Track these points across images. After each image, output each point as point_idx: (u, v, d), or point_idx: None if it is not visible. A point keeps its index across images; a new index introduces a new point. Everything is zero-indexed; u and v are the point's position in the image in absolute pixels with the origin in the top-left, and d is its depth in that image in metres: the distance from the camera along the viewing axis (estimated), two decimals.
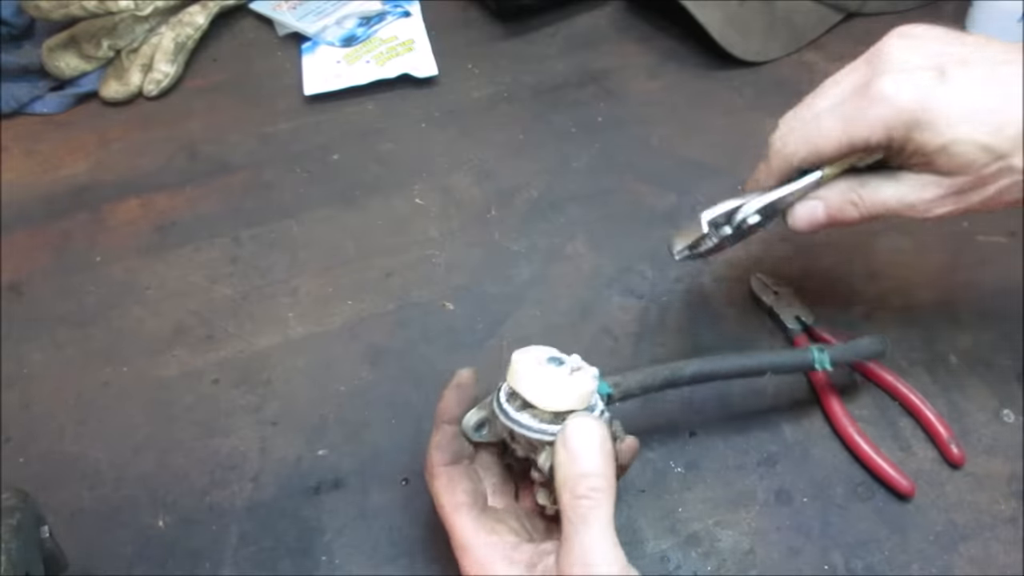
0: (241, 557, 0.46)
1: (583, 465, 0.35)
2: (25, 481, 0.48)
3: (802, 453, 0.49)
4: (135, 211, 0.65)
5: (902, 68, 0.40)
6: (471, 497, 0.39)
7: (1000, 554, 0.45)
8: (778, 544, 0.46)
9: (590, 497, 0.34)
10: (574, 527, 0.34)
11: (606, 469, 0.35)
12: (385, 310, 0.57)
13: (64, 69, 0.74)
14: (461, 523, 0.38)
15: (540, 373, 0.38)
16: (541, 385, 0.38)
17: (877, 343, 0.47)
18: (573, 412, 0.38)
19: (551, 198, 0.64)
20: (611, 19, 0.80)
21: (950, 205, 0.41)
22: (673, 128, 0.68)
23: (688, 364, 0.43)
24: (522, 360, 0.39)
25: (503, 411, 0.39)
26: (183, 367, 0.55)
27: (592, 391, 0.39)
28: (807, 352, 0.46)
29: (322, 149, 0.69)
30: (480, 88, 0.73)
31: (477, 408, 0.42)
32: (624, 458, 0.41)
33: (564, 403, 0.38)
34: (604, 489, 0.34)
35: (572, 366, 0.39)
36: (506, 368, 0.40)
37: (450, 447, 0.41)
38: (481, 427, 0.42)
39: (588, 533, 0.33)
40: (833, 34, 0.75)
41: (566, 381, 0.38)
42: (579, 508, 0.34)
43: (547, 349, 0.40)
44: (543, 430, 0.38)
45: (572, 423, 0.36)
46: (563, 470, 0.35)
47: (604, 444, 0.36)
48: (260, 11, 0.82)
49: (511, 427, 0.39)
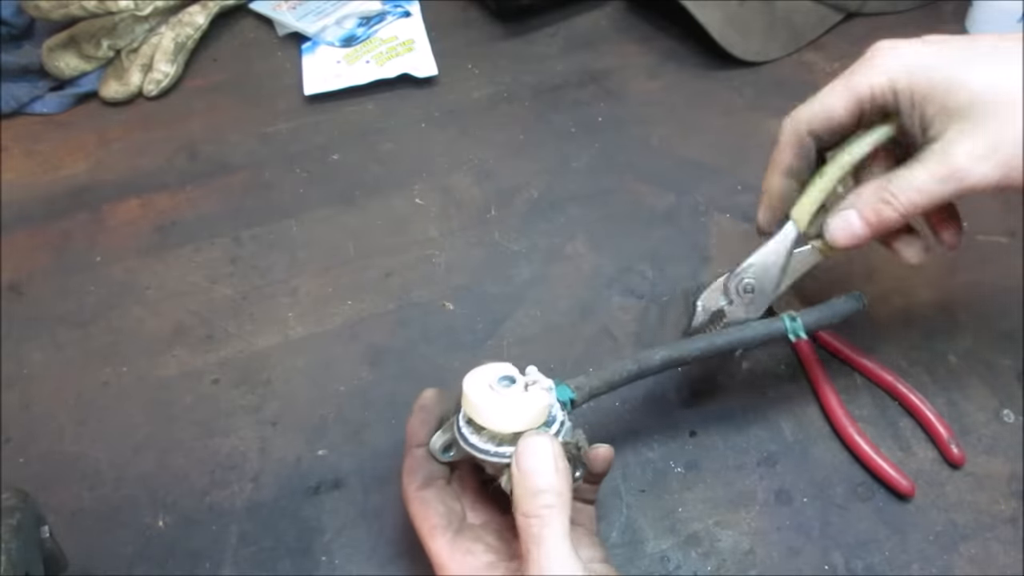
0: (241, 557, 0.46)
1: (534, 483, 0.35)
2: (25, 481, 0.48)
3: (802, 453, 0.49)
4: (135, 211, 0.65)
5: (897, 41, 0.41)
6: (445, 519, 0.39)
7: (1000, 554, 0.45)
8: (778, 544, 0.46)
9: (540, 516, 0.34)
10: (527, 547, 0.34)
11: (558, 484, 0.35)
12: (385, 310, 0.57)
13: (64, 69, 0.74)
14: (436, 547, 0.38)
15: (490, 398, 0.38)
16: (491, 409, 0.37)
17: (853, 300, 0.45)
18: (528, 431, 0.37)
19: (551, 198, 0.64)
20: (611, 19, 0.80)
21: (990, 162, 0.38)
22: (673, 128, 0.68)
23: (656, 352, 0.43)
24: (471, 385, 0.38)
25: (462, 436, 0.39)
26: (183, 367, 0.55)
27: (546, 406, 0.38)
28: (778, 321, 0.44)
29: (322, 149, 0.69)
30: (480, 88, 0.73)
31: (442, 431, 0.41)
32: (599, 466, 0.41)
33: (516, 424, 0.37)
34: (556, 505, 0.35)
35: (527, 381, 0.39)
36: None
37: (421, 471, 0.41)
38: (448, 449, 0.41)
39: (542, 550, 0.34)
40: (833, 34, 0.75)
41: (517, 402, 0.38)
42: (531, 528, 0.34)
43: (500, 367, 0.39)
44: (500, 453, 0.37)
45: (521, 444, 0.36)
46: (517, 490, 0.36)
47: (556, 461, 0.36)
48: (260, 11, 0.82)
49: (470, 452, 0.39)
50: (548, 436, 0.37)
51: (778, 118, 0.45)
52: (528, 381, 0.39)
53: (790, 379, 0.52)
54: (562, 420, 0.39)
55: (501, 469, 0.38)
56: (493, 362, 0.40)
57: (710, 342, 0.44)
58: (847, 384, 0.51)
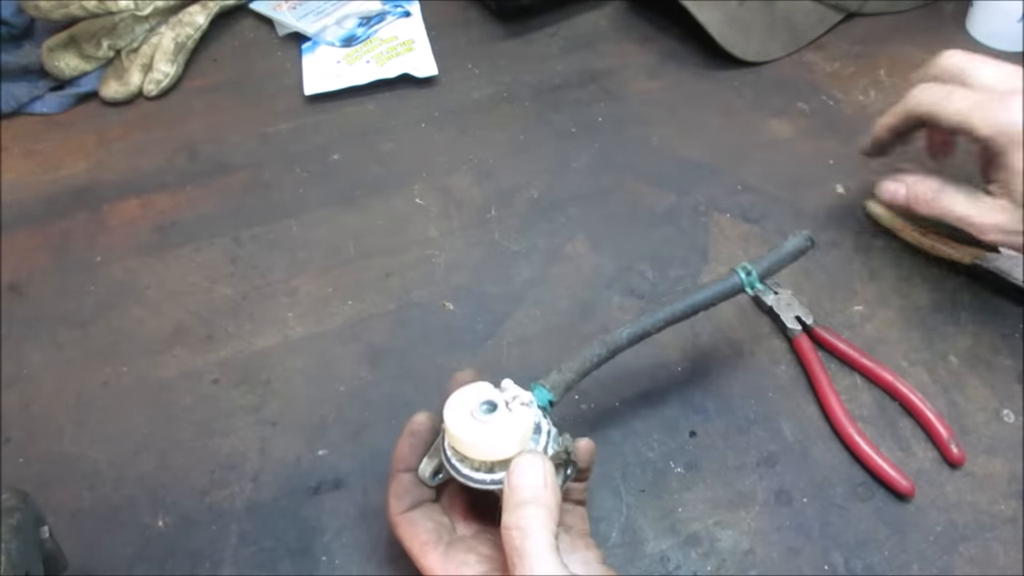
0: (241, 557, 0.46)
1: (520, 496, 0.35)
2: (25, 481, 0.48)
3: (802, 453, 0.49)
4: (135, 211, 0.65)
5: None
6: (435, 534, 0.40)
7: (1000, 554, 0.45)
8: (778, 544, 0.46)
9: (521, 527, 0.34)
10: (511, 559, 0.34)
11: (544, 497, 0.35)
12: (385, 310, 0.57)
13: (64, 69, 0.74)
14: (430, 562, 0.39)
15: (475, 430, 0.37)
16: (478, 441, 0.37)
17: (799, 239, 0.45)
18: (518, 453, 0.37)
19: (551, 198, 0.64)
20: (611, 19, 0.80)
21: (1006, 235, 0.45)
22: (673, 128, 0.68)
23: (622, 330, 0.42)
24: (454, 420, 0.38)
25: (453, 467, 0.39)
26: (183, 367, 0.55)
27: (531, 424, 0.38)
28: (732, 277, 0.44)
29: (322, 149, 0.69)
30: (480, 88, 0.73)
31: (428, 457, 0.41)
32: (583, 460, 0.41)
33: (506, 451, 0.37)
34: (538, 516, 0.35)
35: (506, 399, 0.38)
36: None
37: (408, 495, 0.41)
38: (437, 473, 0.41)
39: (525, 562, 0.34)
40: (833, 34, 0.75)
41: (502, 429, 0.37)
42: (513, 540, 0.34)
43: (478, 390, 0.39)
44: (492, 481, 0.37)
45: (514, 464, 0.36)
46: (504, 504, 0.36)
47: (545, 476, 0.36)
48: (260, 11, 0.82)
49: (462, 481, 0.38)
50: (539, 455, 0.37)
51: (778, 118, 0.45)
52: (507, 399, 0.39)
53: (790, 379, 0.52)
54: (548, 429, 0.39)
55: (495, 494, 0.38)
56: (469, 384, 0.39)
57: (671, 311, 0.43)
58: (847, 384, 0.52)
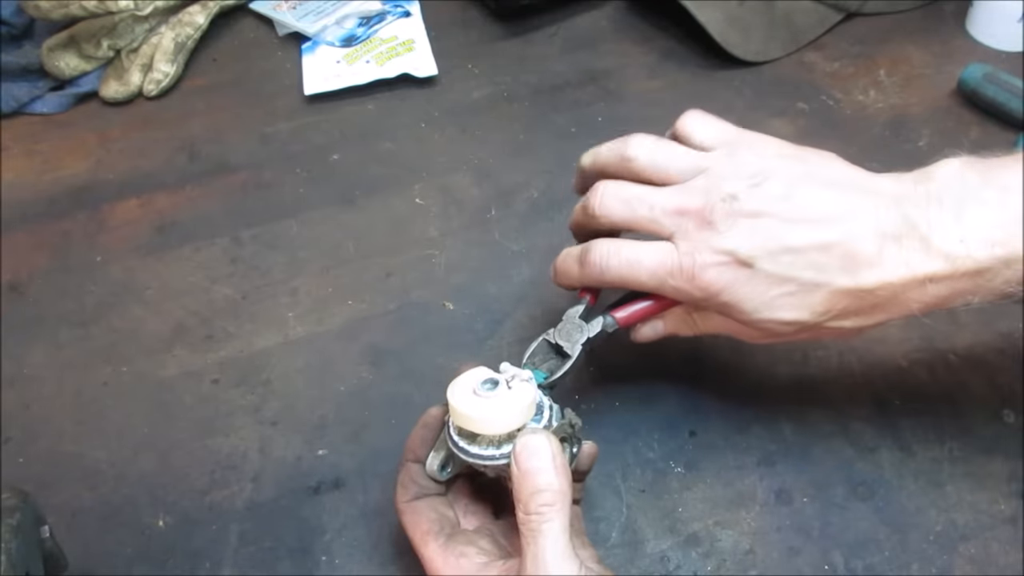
0: (241, 557, 0.46)
1: (534, 483, 0.36)
2: (25, 481, 0.48)
3: (802, 453, 0.49)
4: (135, 211, 0.65)
5: (718, 248, 0.40)
6: (437, 525, 0.40)
7: (1000, 554, 0.45)
8: (778, 544, 0.46)
9: (541, 512, 0.35)
10: (527, 541, 0.35)
11: (557, 482, 0.36)
12: (385, 310, 0.57)
13: (64, 69, 0.74)
14: (429, 552, 0.39)
15: (479, 405, 0.38)
16: (484, 415, 0.38)
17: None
18: (522, 428, 0.38)
19: (551, 198, 0.64)
20: (611, 19, 0.80)
21: (770, 341, 0.44)
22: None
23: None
24: (458, 398, 0.39)
25: (458, 448, 0.39)
26: (183, 367, 0.55)
27: (534, 397, 0.39)
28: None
29: (322, 149, 0.69)
30: (480, 88, 0.73)
31: (435, 450, 0.42)
32: (584, 464, 0.42)
33: (511, 424, 0.38)
34: (554, 503, 0.36)
35: (507, 378, 0.39)
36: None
37: (415, 485, 0.42)
38: (445, 467, 0.42)
39: (540, 544, 0.35)
40: (833, 34, 0.75)
41: (506, 403, 0.38)
42: (530, 523, 0.35)
43: (478, 373, 0.40)
44: (502, 455, 0.38)
45: (519, 445, 0.37)
46: (517, 488, 0.36)
47: (554, 459, 0.36)
48: (260, 11, 0.82)
49: (470, 461, 0.39)
50: (545, 434, 0.37)
51: (778, 118, 0.45)
52: (507, 378, 0.39)
53: (790, 379, 0.52)
54: (549, 404, 0.40)
55: (503, 470, 0.38)
56: (468, 369, 0.40)
57: None
58: (846, 380, 0.51)
